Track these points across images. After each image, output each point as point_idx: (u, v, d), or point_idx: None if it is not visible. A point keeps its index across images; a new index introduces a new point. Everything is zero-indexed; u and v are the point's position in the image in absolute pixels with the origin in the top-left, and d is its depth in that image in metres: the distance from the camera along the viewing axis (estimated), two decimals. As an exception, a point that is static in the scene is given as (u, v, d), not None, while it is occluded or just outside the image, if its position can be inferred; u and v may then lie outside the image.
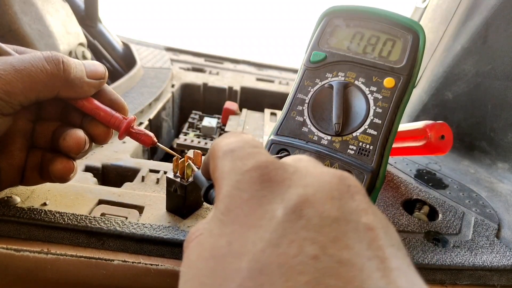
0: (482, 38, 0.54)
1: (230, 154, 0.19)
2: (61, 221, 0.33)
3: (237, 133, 0.22)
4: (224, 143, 0.20)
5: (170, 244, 0.33)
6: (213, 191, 0.24)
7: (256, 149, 0.19)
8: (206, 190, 0.24)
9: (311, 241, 0.14)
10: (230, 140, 0.20)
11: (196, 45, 1.28)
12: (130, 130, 0.33)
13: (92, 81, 0.32)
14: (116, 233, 0.33)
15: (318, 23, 0.40)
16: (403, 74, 0.36)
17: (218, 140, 0.22)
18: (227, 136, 0.22)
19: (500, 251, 0.38)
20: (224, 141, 0.21)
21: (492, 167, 0.55)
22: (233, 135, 0.21)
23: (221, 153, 0.20)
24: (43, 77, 0.28)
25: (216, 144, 0.21)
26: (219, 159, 0.20)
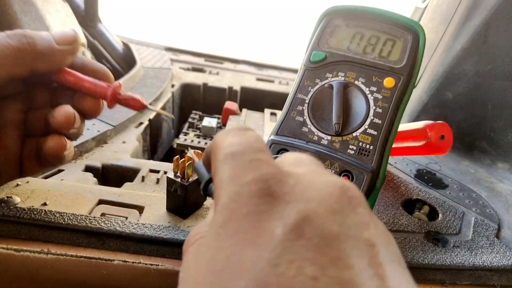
0: (482, 38, 0.54)
1: (230, 159, 0.18)
2: (61, 221, 0.33)
3: (241, 131, 0.21)
4: (226, 142, 0.20)
5: (170, 244, 0.33)
6: (212, 185, 0.24)
7: (258, 154, 0.18)
8: (205, 183, 0.24)
9: (311, 261, 0.14)
10: (233, 141, 0.19)
11: (196, 45, 1.28)
12: (117, 97, 0.33)
13: (64, 48, 0.31)
14: (116, 233, 0.33)
15: (318, 23, 0.40)
16: (403, 74, 0.36)
17: (221, 137, 0.20)
18: (231, 133, 0.20)
19: (500, 251, 0.38)
20: (226, 140, 0.20)
21: (492, 167, 0.55)
22: (237, 133, 0.20)
23: (222, 156, 0.19)
24: (9, 51, 0.28)
25: (218, 141, 0.20)
26: (219, 162, 0.19)
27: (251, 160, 0.18)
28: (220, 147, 0.20)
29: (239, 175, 0.17)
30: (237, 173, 0.17)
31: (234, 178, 0.17)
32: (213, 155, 0.20)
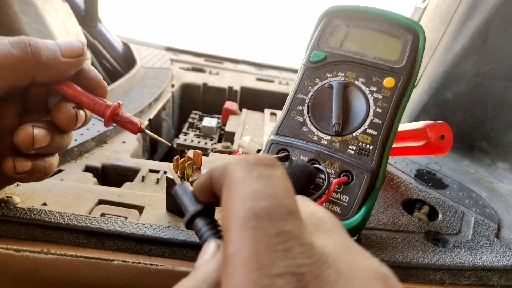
0: (482, 38, 0.54)
1: (254, 225, 0.14)
2: (61, 221, 0.33)
3: (268, 169, 0.17)
4: (247, 190, 0.16)
5: (170, 244, 0.33)
6: (200, 221, 0.20)
7: (289, 222, 0.15)
8: (193, 216, 0.20)
9: None
10: (257, 189, 0.16)
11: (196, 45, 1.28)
12: (115, 118, 0.32)
13: (69, 60, 0.29)
14: (116, 233, 0.33)
15: (318, 23, 0.40)
16: (403, 74, 0.36)
17: (240, 173, 0.16)
18: (254, 172, 0.16)
19: (500, 251, 0.38)
20: (248, 186, 0.16)
21: (492, 167, 0.55)
22: (263, 175, 0.16)
23: (242, 213, 0.15)
24: (10, 62, 0.27)
25: (236, 179, 0.16)
26: (237, 222, 0.15)
27: (280, 233, 0.14)
28: (238, 193, 0.16)
29: (267, 260, 0.14)
30: (263, 256, 0.14)
31: (259, 263, 0.14)
32: (227, 198, 0.16)
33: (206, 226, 0.19)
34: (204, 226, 0.19)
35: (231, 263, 0.14)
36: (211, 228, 0.19)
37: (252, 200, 0.15)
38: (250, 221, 0.15)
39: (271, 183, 0.16)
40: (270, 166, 0.17)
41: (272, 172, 0.17)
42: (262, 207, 0.15)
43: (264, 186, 0.16)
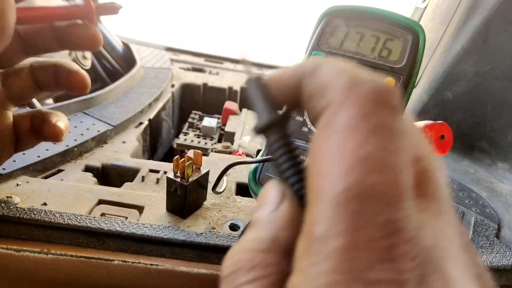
0: (482, 38, 0.54)
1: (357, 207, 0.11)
2: (61, 221, 0.33)
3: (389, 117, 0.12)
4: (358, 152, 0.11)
5: (170, 244, 0.33)
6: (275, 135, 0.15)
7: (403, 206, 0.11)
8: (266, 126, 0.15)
9: None
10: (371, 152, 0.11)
11: (196, 45, 1.28)
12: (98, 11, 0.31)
13: None
14: (116, 233, 0.33)
15: (318, 23, 0.40)
16: (403, 74, 0.36)
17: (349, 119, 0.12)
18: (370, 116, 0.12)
19: (500, 251, 0.38)
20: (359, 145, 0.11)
21: (492, 167, 0.55)
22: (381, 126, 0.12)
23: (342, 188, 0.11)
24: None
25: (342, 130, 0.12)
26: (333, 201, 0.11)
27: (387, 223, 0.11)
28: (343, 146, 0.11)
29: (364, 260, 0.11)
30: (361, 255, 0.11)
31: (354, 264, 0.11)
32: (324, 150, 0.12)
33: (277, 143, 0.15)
34: (275, 143, 0.15)
35: (317, 250, 0.11)
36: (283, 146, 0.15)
37: (361, 170, 0.11)
38: (353, 200, 0.11)
39: (391, 145, 0.11)
40: (393, 109, 0.12)
41: (394, 123, 0.12)
42: (372, 184, 0.11)
43: (383, 151, 0.11)
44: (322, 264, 0.11)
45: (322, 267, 0.11)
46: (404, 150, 0.12)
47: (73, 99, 0.54)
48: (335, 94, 0.12)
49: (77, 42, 0.32)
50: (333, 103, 0.12)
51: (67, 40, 0.32)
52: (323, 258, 0.11)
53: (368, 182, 0.11)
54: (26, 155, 0.41)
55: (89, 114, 0.54)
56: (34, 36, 0.32)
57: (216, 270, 0.32)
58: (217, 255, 0.33)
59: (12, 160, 0.39)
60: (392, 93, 0.12)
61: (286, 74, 0.15)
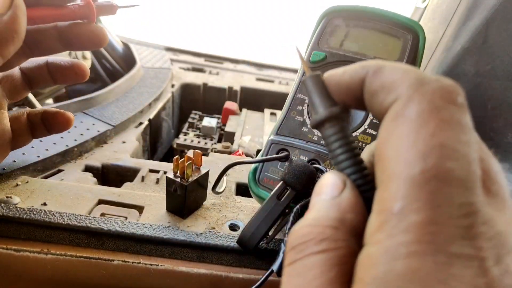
0: (482, 38, 0.54)
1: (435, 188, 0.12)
2: (61, 221, 0.33)
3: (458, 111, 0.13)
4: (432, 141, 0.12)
5: (170, 244, 0.33)
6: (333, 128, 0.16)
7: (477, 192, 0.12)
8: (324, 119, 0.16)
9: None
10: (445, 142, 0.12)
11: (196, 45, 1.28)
12: (97, 10, 0.32)
13: (10, 14, 0.26)
14: (116, 233, 0.33)
15: (318, 23, 0.40)
16: (403, 74, 0.36)
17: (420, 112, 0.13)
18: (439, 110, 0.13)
19: (500, 251, 0.38)
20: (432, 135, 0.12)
21: (492, 167, 0.55)
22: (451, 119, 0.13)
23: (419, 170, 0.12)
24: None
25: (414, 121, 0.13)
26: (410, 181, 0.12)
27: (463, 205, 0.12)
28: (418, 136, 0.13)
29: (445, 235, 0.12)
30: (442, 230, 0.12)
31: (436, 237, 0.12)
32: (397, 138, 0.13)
33: (335, 136, 0.16)
34: (333, 135, 0.16)
35: (395, 224, 0.12)
36: (341, 138, 0.16)
37: (437, 156, 0.12)
38: (430, 182, 0.12)
39: (462, 137, 0.12)
40: (461, 106, 0.13)
41: (463, 117, 0.13)
42: (449, 169, 0.12)
43: (454, 140, 0.12)
44: (402, 236, 0.11)
45: (402, 238, 0.11)
46: (473, 143, 0.13)
47: (73, 99, 0.54)
48: (404, 90, 0.13)
49: (83, 40, 0.32)
50: (403, 97, 0.13)
51: (73, 39, 0.32)
52: (402, 230, 0.12)
53: (446, 167, 0.12)
54: (26, 155, 0.41)
55: (89, 114, 0.54)
56: (37, 37, 0.32)
57: (216, 270, 0.32)
58: (217, 255, 0.33)
59: (12, 160, 0.39)
60: (459, 92, 0.13)
61: (348, 73, 0.16)
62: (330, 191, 0.15)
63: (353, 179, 0.16)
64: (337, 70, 0.17)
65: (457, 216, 0.12)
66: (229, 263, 0.33)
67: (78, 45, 0.33)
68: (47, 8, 0.30)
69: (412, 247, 0.11)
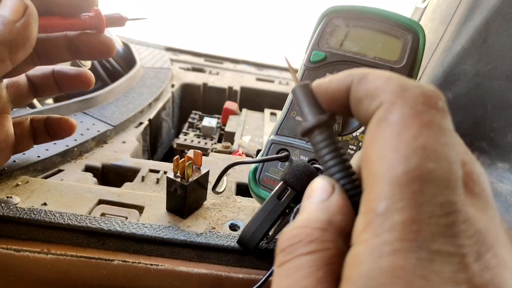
0: (482, 38, 0.54)
1: (417, 188, 0.13)
2: (61, 221, 0.33)
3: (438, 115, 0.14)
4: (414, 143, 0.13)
5: (170, 244, 0.33)
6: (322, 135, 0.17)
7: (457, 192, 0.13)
8: (313, 127, 0.17)
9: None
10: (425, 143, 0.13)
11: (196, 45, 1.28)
12: (106, 22, 0.33)
13: (23, 21, 0.27)
14: (116, 233, 0.33)
15: (318, 23, 0.40)
16: (403, 74, 0.36)
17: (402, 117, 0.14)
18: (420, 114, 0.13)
19: (500, 251, 0.38)
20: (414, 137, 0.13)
21: (492, 167, 0.55)
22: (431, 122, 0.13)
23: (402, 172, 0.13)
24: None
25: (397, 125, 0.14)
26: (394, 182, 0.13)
27: (444, 204, 0.12)
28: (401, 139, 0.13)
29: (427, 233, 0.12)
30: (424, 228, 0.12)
31: (418, 235, 0.12)
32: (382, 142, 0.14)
33: (324, 142, 0.17)
34: (322, 142, 0.17)
35: (380, 224, 0.12)
36: (330, 144, 0.17)
37: (419, 157, 0.13)
38: (413, 182, 0.12)
39: (443, 139, 0.13)
40: (441, 111, 0.14)
41: (443, 122, 0.14)
42: (430, 170, 0.12)
43: (435, 142, 0.13)
44: (387, 234, 0.12)
45: (387, 237, 0.12)
46: (454, 145, 0.13)
47: (73, 99, 0.54)
48: (387, 96, 0.14)
49: (92, 50, 0.33)
50: (386, 103, 0.14)
51: (82, 48, 0.33)
52: (387, 229, 0.12)
53: (427, 167, 0.12)
54: (26, 155, 0.41)
55: (89, 114, 0.54)
56: (47, 45, 0.33)
57: (216, 270, 0.32)
58: (217, 255, 0.33)
59: (12, 160, 0.39)
60: (439, 97, 0.14)
61: (334, 81, 0.17)
62: (320, 195, 0.16)
63: (342, 183, 0.16)
64: (324, 79, 0.17)
65: (438, 215, 0.12)
66: (229, 263, 0.33)
67: (87, 54, 0.34)
68: (58, 18, 0.31)
69: (396, 245, 0.12)
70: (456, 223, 0.12)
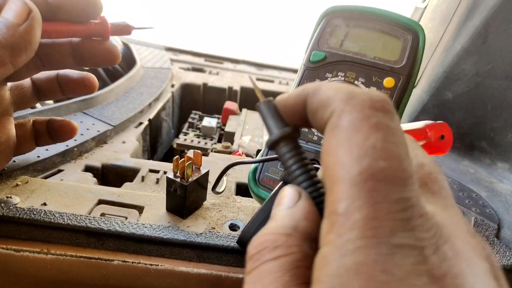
0: (482, 38, 0.54)
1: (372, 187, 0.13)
2: (61, 221, 0.33)
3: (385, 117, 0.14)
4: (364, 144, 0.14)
5: (170, 244, 0.33)
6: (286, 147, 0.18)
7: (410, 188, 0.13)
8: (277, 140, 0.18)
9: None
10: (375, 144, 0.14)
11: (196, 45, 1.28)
12: (111, 29, 0.33)
13: (27, 24, 0.27)
14: (116, 233, 0.33)
15: (318, 23, 0.40)
16: (403, 74, 0.36)
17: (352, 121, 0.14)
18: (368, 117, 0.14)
19: (500, 251, 0.38)
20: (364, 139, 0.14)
21: (492, 167, 0.55)
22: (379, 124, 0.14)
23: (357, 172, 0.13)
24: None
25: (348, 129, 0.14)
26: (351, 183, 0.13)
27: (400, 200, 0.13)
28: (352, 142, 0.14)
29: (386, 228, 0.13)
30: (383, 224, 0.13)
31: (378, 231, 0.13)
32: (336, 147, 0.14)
33: (289, 153, 0.18)
34: (288, 153, 0.18)
35: (342, 224, 0.13)
36: (295, 155, 0.18)
37: (370, 157, 0.13)
38: (367, 182, 0.13)
39: (391, 138, 0.14)
40: (388, 112, 0.15)
41: (391, 123, 0.14)
42: (382, 168, 0.13)
43: (384, 142, 0.14)
44: (349, 233, 0.13)
45: (349, 236, 0.13)
46: (402, 143, 0.14)
47: (73, 99, 0.54)
48: (337, 104, 0.15)
49: (96, 57, 0.33)
50: (336, 111, 0.15)
51: (86, 55, 0.33)
52: (348, 229, 0.13)
53: (379, 166, 0.13)
54: (26, 155, 0.41)
55: (89, 114, 0.54)
56: (51, 51, 0.33)
57: (216, 270, 0.32)
58: (217, 255, 0.33)
59: (12, 160, 0.39)
60: (386, 101, 0.15)
61: (292, 96, 0.18)
62: (287, 202, 0.17)
63: (308, 191, 0.17)
64: (284, 95, 0.19)
65: (395, 210, 0.13)
66: (229, 263, 0.33)
67: (91, 61, 0.34)
68: (63, 23, 0.31)
69: (358, 242, 0.12)
70: (413, 218, 0.13)
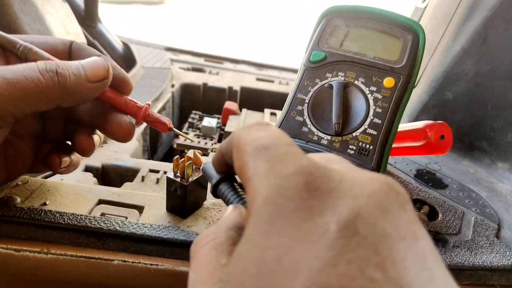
0: (482, 38, 0.54)
1: (263, 152, 0.17)
2: (61, 221, 0.33)
3: (264, 125, 0.20)
4: (251, 137, 0.18)
5: (170, 244, 0.33)
6: (223, 186, 0.24)
7: (292, 147, 0.17)
8: (216, 183, 0.24)
9: (369, 261, 0.13)
10: (259, 135, 0.18)
11: (196, 45, 1.28)
12: (146, 118, 0.34)
13: (94, 85, 0.30)
14: (116, 233, 0.33)
15: (318, 23, 0.40)
16: (403, 74, 0.36)
17: (243, 132, 0.19)
18: (253, 128, 0.19)
19: (500, 251, 0.38)
20: (252, 135, 0.18)
21: (492, 167, 0.55)
22: (261, 127, 0.19)
23: (251, 150, 0.18)
24: (38, 90, 0.27)
25: (241, 136, 0.19)
26: (250, 157, 0.17)
27: (287, 153, 0.17)
28: (245, 142, 0.18)
29: (279, 167, 0.16)
30: (276, 166, 0.16)
31: (274, 171, 0.16)
32: (237, 151, 0.19)
33: (228, 189, 0.23)
34: (227, 189, 0.23)
35: (253, 180, 0.17)
36: (232, 190, 0.23)
37: (257, 140, 0.18)
38: (260, 151, 0.17)
39: (269, 130, 0.19)
40: (265, 124, 0.20)
41: (268, 126, 0.20)
42: (267, 142, 0.18)
43: (264, 131, 0.19)
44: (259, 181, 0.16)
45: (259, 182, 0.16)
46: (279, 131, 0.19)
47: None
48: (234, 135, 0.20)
49: (111, 127, 0.34)
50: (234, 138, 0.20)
51: (102, 122, 0.34)
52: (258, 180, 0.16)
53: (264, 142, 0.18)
54: (26, 155, 0.41)
55: (89, 114, 0.54)
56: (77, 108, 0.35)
57: (216, 270, 0.32)
58: (217, 255, 0.33)
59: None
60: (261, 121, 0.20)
61: (215, 155, 0.24)
62: (227, 211, 0.21)
63: (240, 203, 0.22)
64: (214, 154, 0.24)
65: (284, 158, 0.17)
66: (229, 263, 0.33)
67: (103, 128, 0.34)
68: (112, 94, 0.33)
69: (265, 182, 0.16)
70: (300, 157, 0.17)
